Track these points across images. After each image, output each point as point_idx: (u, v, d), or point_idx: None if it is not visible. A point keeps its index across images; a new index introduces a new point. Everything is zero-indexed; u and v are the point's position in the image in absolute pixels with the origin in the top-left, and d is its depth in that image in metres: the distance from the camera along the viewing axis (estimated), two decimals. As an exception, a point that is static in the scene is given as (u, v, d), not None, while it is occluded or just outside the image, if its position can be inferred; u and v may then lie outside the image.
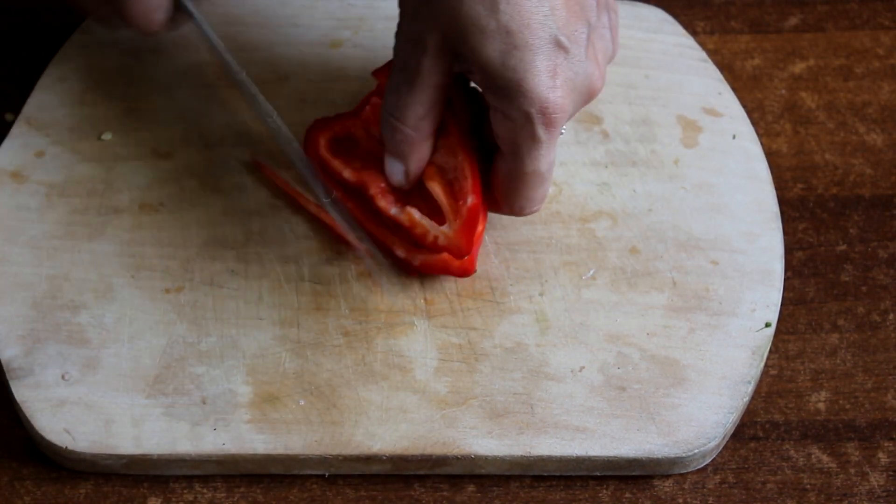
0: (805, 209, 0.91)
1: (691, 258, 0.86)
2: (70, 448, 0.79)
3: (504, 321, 0.84)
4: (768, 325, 0.84)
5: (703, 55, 0.95)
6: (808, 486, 0.81)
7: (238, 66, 0.86)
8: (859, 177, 0.92)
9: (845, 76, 0.96)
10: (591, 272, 0.86)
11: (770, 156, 0.92)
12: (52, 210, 0.87)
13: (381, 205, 0.85)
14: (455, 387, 0.82)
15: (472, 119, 0.82)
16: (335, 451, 0.80)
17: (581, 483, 0.81)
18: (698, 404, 0.81)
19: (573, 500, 0.81)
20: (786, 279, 0.87)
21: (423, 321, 0.84)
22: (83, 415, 0.80)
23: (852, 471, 0.82)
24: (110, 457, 0.80)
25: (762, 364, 0.83)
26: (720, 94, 0.93)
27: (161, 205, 0.87)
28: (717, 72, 0.94)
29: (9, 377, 0.81)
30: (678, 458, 0.80)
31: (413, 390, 0.81)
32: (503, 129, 0.78)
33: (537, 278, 0.85)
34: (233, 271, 0.85)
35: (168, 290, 0.84)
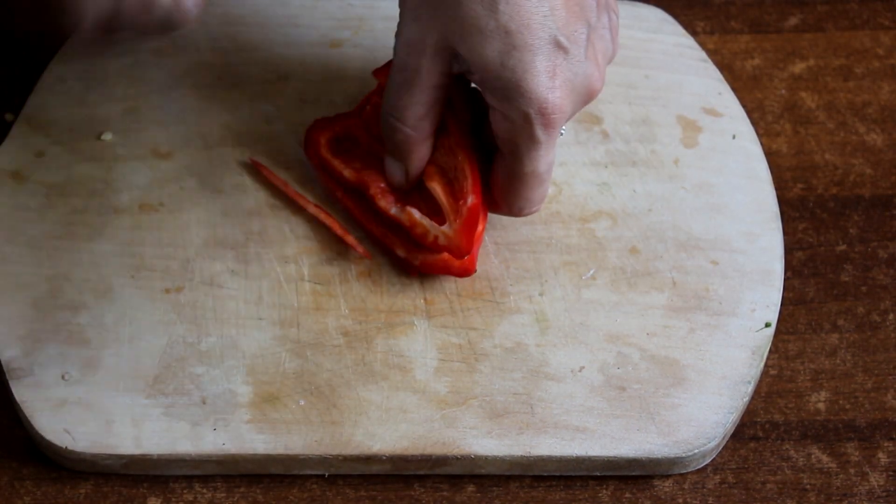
0: (805, 209, 0.91)
1: (691, 258, 0.86)
2: (70, 448, 0.79)
3: (504, 321, 0.84)
4: (768, 325, 0.84)
5: (703, 55, 0.94)
6: (808, 486, 0.81)
7: None
8: (859, 177, 0.92)
9: (845, 76, 0.96)
10: (591, 272, 0.86)
11: (770, 156, 0.92)
12: (52, 210, 0.87)
13: (381, 205, 0.85)
14: (455, 387, 0.82)
15: (472, 119, 0.82)
16: (335, 451, 0.80)
17: (581, 483, 0.81)
18: (698, 404, 0.81)
19: (573, 500, 0.81)
20: (786, 279, 0.87)
21: (423, 321, 0.84)
22: (83, 415, 0.80)
23: (852, 471, 0.82)
24: (110, 457, 0.80)
25: (762, 364, 0.83)
26: (720, 94, 0.93)
27: (161, 205, 0.87)
28: (717, 72, 0.94)
29: (9, 377, 0.81)
30: (678, 458, 0.80)
31: (413, 390, 0.81)
32: (502, 130, 0.78)
33: (537, 278, 0.85)
34: (232, 271, 0.85)
35: (168, 291, 0.84)
